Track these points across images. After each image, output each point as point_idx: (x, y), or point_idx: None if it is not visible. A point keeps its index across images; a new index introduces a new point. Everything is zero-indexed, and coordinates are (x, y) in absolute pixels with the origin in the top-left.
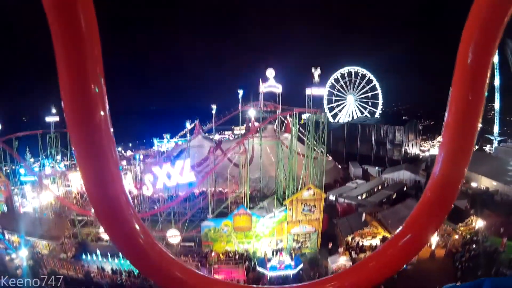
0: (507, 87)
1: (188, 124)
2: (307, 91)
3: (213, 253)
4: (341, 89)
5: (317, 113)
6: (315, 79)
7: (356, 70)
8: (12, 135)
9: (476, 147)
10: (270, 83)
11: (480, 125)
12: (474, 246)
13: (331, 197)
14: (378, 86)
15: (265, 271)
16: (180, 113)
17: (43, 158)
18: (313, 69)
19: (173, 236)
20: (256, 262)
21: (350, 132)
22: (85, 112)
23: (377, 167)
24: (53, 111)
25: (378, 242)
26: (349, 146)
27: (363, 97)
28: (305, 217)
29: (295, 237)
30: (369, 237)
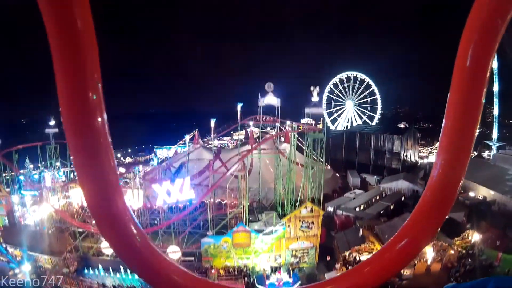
0: (506, 93)
1: (187, 137)
2: (306, 110)
3: (213, 269)
4: (340, 94)
5: (316, 132)
6: (314, 97)
7: (355, 75)
8: (12, 148)
9: (474, 153)
10: (269, 97)
11: (478, 130)
12: (470, 261)
13: (329, 208)
14: (376, 91)
15: None
16: (179, 115)
17: (42, 170)
18: (312, 88)
19: (174, 252)
20: (255, 279)
21: (348, 140)
22: (83, 119)
23: (375, 176)
24: (51, 123)
25: None
26: (347, 155)
27: (362, 102)
28: (303, 234)
29: (293, 252)
30: (366, 252)
